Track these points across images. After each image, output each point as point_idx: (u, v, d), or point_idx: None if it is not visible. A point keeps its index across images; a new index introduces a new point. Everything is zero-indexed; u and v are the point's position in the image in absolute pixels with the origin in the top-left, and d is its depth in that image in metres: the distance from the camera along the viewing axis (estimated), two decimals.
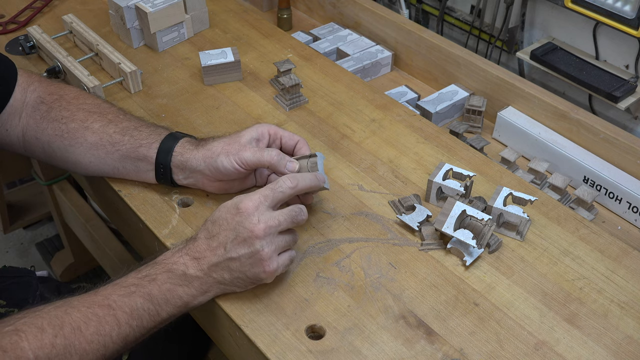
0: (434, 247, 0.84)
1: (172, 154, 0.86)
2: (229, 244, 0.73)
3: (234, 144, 0.84)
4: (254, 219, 0.73)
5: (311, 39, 1.31)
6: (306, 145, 0.88)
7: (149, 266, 0.75)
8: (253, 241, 0.72)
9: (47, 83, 0.94)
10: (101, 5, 1.32)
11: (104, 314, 0.69)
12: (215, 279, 0.74)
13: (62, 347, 0.66)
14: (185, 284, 0.74)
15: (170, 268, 0.74)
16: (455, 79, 1.17)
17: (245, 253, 0.73)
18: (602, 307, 0.77)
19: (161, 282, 0.73)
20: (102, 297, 0.71)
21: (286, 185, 0.76)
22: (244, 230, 0.72)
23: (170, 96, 1.09)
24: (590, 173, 0.99)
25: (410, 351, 0.72)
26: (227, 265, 0.73)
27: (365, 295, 0.77)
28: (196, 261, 0.74)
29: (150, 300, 0.72)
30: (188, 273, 0.73)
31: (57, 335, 0.66)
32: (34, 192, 1.89)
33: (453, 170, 0.90)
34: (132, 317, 0.71)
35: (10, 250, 2.01)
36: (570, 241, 0.85)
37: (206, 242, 0.74)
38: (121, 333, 0.70)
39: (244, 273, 0.74)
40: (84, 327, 0.68)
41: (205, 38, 1.23)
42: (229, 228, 0.73)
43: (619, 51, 1.09)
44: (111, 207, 1.01)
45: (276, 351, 0.71)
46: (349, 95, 1.09)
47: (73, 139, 0.89)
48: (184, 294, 0.74)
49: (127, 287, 0.72)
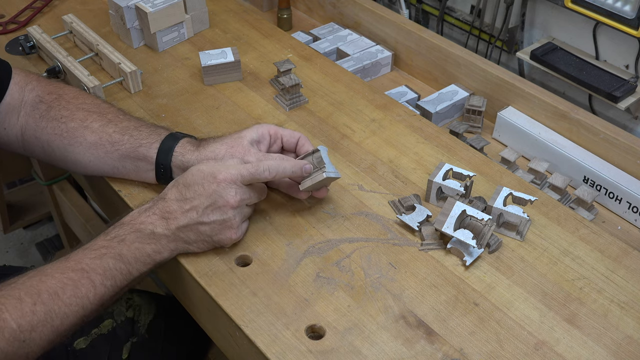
0: (434, 247, 0.84)
1: (172, 154, 0.86)
2: (203, 209, 0.77)
3: (238, 146, 0.85)
4: (231, 191, 0.78)
5: (311, 39, 1.31)
6: (307, 141, 0.89)
7: (117, 227, 0.78)
8: (227, 210, 0.78)
9: (45, 82, 0.94)
10: (101, 5, 1.32)
11: (79, 277, 0.72)
12: (182, 238, 0.79)
13: (43, 313, 0.68)
14: (152, 242, 0.77)
15: (139, 228, 0.77)
16: (455, 79, 1.17)
17: (217, 219, 0.78)
18: (602, 307, 0.77)
19: (130, 241, 0.76)
20: (74, 262, 0.73)
21: (264, 175, 0.80)
22: (220, 200, 0.77)
23: (170, 96, 1.09)
24: (590, 173, 0.99)
25: (410, 351, 0.72)
26: (196, 228, 0.78)
27: (365, 295, 0.77)
28: (165, 221, 0.78)
29: (121, 259, 0.75)
30: (156, 232, 0.77)
31: (36, 303, 0.68)
32: (34, 192, 1.89)
33: (453, 170, 0.90)
34: (106, 277, 0.74)
35: (10, 250, 2.01)
36: (570, 241, 0.85)
37: (177, 204, 0.78)
38: (97, 293, 0.73)
39: (211, 237, 0.79)
40: (60, 292, 0.70)
41: (205, 38, 1.23)
42: (204, 194, 0.77)
43: (619, 51, 1.09)
44: (111, 207, 1.01)
45: (276, 351, 0.71)
46: (349, 95, 1.09)
47: (72, 138, 0.89)
48: (151, 251, 0.78)
49: (98, 249, 0.75)
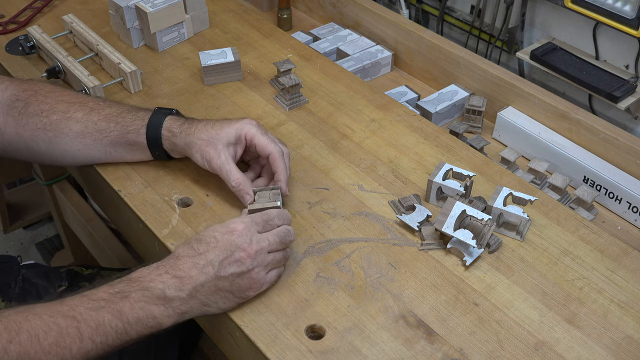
0: (434, 247, 0.84)
1: (161, 139, 0.89)
2: (219, 263, 0.71)
3: (211, 147, 0.85)
4: (246, 238, 0.73)
5: (311, 39, 1.31)
6: (278, 158, 0.85)
7: (123, 282, 0.71)
8: (245, 260, 0.72)
9: (18, 81, 0.94)
10: (101, 5, 1.32)
11: (67, 325, 0.66)
12: (199, 300, 0.72)
13: (16, 354, 0.63)
14: (161, 304, 0.70)
15: (147, 286, 0.70)
16: (455, 79, 1.17)
17: (235, 272, 0.72)
18: (602, 307, 0.77)
19: (134, 300, 0.69)
20: (67, 308, 0.68)
21: (275, 222, 0.77)
22: (237, 249, 0.72)
23: (170, 96, 1.09)
24: (590, 173, 0.99)
25: (410, 351, 0.72)
26: (214, 284, 0.72)
27: (365, 295, 0.77)
28: (178, 280, 0.71)
29: (120, 317, 0.69)
30: (167, 293, 0.70)
31: (12, 341, 0.63)
32: (34, 192, 1.89)
33: (453, 170, 0.90)
34: (97, 332, 0.67)
35: (10, 250, 2.01)
36: (570, 241, 0.85)
37: (191, 260, 0.72)
38: (82, 347, 0.67)
39: (231, 292, 0.73)
40: (42, 336, 0.65)
41: (205, 38, 1.23)
42: (218, 247, 0.72)
43: (619, 51, 1.09)
44: (111, 207, 1.01)
45: (276, 351, 0.71)
46: (349, 95, 1.09)
47: (57, 130, 0.89)
48: (159, 314, 0.70)
49: (97, 300, 0.69)
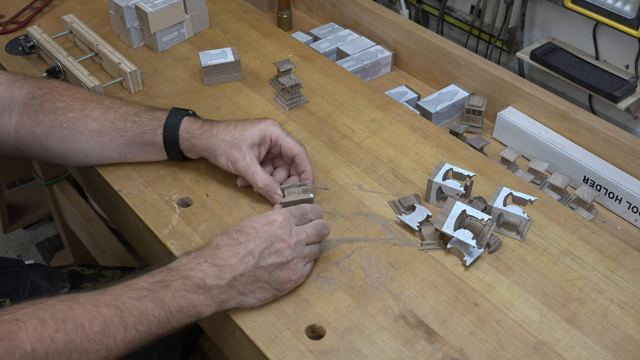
0: (434, 247, 0.83)
1: (179, 139, 0.89)
2: (259, 253, 0.72)
3: (235, 148, 0.85)
4: (286, 230, 0.74)
5: (311, 39, 1.31)
6: (305, 159, 0.87)
7: (163, 272, 0.72)
8: (285, 251, 0.74)
9: (34, 80, 0.94)
10: (101, 5, 1.32)
11: (111, 314, 0.66)
12: (237, 289, 0.72)
13: (62, 343, 0.63)
14: (201, 293, 0.71)
15: (187, 275, 0.71)
16: (455, 79, 1.17)
17: (274, 262, 0.73)
18: (602, 307, 0.77)
19: (175, 289, 0.70)
20: (110, 297, 0.68)
21: (309, 216, 0.79)
22: (277, 240, 0.73)
23: (170, 96, 1.09)
24: (590, 173, 0.99)
25: (410, 351, 0.72)
26: (253, 274, 0.72)
27: (365, 295, 0.77)
28: (218, 269, 0.71)
29: (162, 306, 0.69)
30: (206, 282, 0.71)
31: (59, 330, 0.63)
32: (34, 192, 1.89)
33: (453, 170, 0.90)
34: (141, 321, 0.68)
35: (10, 250, 2.01)
36: (570, 241, 0.85)
37: (231, 250, 0.72)
38: (127, 337, 0.67)
39: (269, 283, 0.74)
40: (87, 325, 0.65)
41: (205, 38, 1.23)
42: (258, 237, 0.73)
43: (619, 51, 1.09)
44: (111, 207, 1.01)
45: (276, 351, 0.71)
46: (349, 95, 1.09)
47: (73, 127, 0.89)
48: (199, 303, 0.71)
49: (139, 290, 0.69)
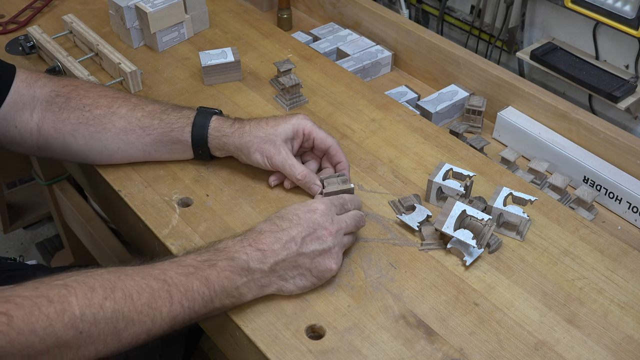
0: (434, 247, 0.84)
1: (208, 137, 0.89)
2: (302, 239, 0.74)
3: (269, 144, 0.86)
4: (327, 218, 0.76)
5: (311, 39, 1.31)
6: (339, 150, 0.89)
7: (210, 252, 0.73)
8: (326, 238, 0.75)
9: (57, 78, 0.93)
10: (101, 5, 1.32)
11: (159, 287, 0.67)
12: (279, 274, 0.74)
13: (111, 311, 0.64)
14: (244, 275, 0.72)
15: (232, 256, 0.72)
16: (455, 79, 1.17)
17: (316, 249, 0.74)
18: (602, 307, 0.77)
19: (221, 268, 0.71)
20: (158, 271, 0.69)
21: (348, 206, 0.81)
22: (319, 227, 0.75)
23: (170, 96, 1.09)
24: (590, 173, 0.99)
25: (410, 351, 0.72)
26: (295, 260, 0.74)
27: (365, 295, 0.77)
28: (261, 253, 0.73)
29: (207, 285, 0.70)
30: (250, 265, 0.72)
31: (107, 298, 0.64)
32: (34, 192, 1.89)
33: (453, 170, 0.90)
34: (186, 297, 0.69)
35: (10, 250, 2.01)
36: (570, 241, 0.85)
37: (274, 236, 0.74)
38: (172, 311, 0.68)
39: (310, 270, 0.75)
40: (135, 296, 0.66)
41: (205, 38, 1.23)
42: (301, 224, 0.75)
43: (619, 51, 1.09)
44: (111, 207, 1.01)
45: (276, 351, 0.71)
46: (349, 95, 1.09)
47: (100, 124, 0.89)
48: (241, 284, 0.72)
49: (186, 267, 0.70)
